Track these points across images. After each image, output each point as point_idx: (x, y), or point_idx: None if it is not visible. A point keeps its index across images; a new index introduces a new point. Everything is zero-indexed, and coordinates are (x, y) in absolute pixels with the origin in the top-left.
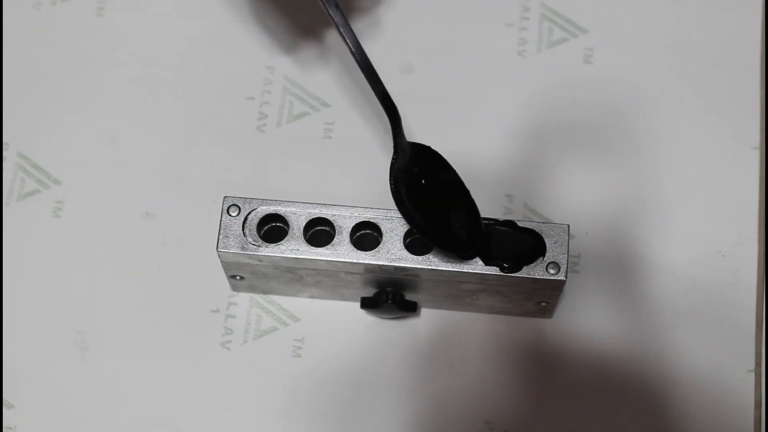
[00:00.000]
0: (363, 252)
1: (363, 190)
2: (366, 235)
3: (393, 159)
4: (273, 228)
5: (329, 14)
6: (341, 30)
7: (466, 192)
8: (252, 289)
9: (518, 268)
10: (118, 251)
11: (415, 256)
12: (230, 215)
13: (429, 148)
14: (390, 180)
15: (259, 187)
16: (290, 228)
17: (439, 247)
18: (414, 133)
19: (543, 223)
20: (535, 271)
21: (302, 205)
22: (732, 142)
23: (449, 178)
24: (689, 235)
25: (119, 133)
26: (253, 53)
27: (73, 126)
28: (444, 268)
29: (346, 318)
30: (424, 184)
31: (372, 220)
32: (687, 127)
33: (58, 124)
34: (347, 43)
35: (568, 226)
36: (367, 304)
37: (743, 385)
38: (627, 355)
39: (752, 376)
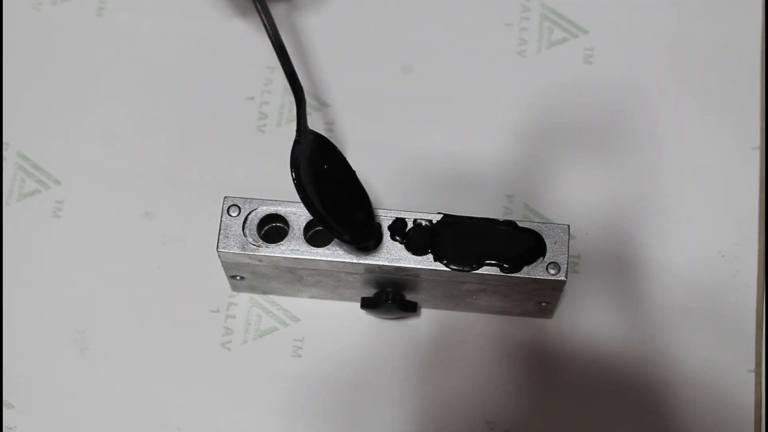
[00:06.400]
0: (363, 252)
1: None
2: None
3: (296, 141)
4: (273, 228)
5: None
6: (258, 7)
7: (360, 184)
8: (252, 289)
9: (518, 268)
10: (118, 251)
11: (415, 256)
12: (230, 215)
13: (327, 139)
14: (291, 166)
15: (259, 187)
16: (290, 228)
17: (339, 239)
18: (414, 133)
19: (543, 223)
20: (535, 271)
21: (302, 205)
22: (732, 142)
23: (344, 169)
24: (689, 235)
25: (119, 133)
26: (253, 53)
27: (73, 126)
28: (444, 268)
29: (346, 318)
30: (325, 174)
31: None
32: (687, 127)
33: (58, 124)
34: (263, 22)
35: (568, 226)
36: (367, 304)
37: (743, 385)
38: (627, 355)
39: (752, 376)
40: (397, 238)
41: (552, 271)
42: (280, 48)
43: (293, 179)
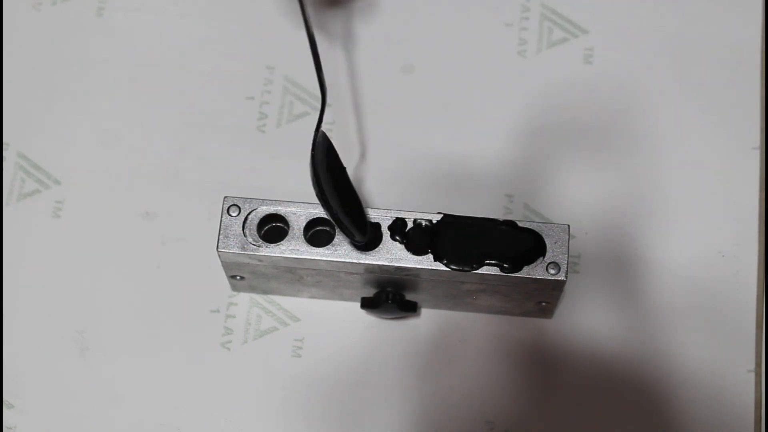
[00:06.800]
0: (363, 252)
1: (363, 190)
2: None
3: (317, 140)
4: (273, 228)
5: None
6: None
7: (350, 181)
8: (252, 289)
9: (518, 268)
10: (118, 251)
11: (415, 256)
12: (230, 215)
13: (328, 137)
14: (313, 164)
15: (259, 187)
16: (290, 228)
17: (351, 239)
18: (414, 133)
19: (543, 223)
20: (535, 271)
21: (302, 205)
22: (732, 142)
23: (341, 167)
24: (689, 235)
25: (119, 133)
26: (253, 53)
27: (73, 126)
28: (444, 268)
29: (346, 318)
30: (334, 173)
31: (372, 220)
32: (687, 127)
33: (58, 124)
34: (305, 20)
35: (568, 226)
36: (367, 304)
37: (743, 385)
38: (627, 355)
39: (752, 376)
40: (397, 238)
41: (552, 271)
42: (315, 48)
43: (315, 178)
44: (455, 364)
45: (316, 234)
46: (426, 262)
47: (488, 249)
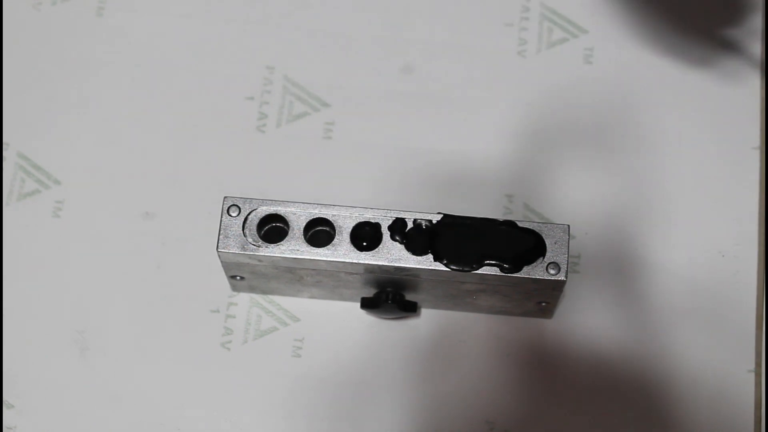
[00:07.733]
0: (363, 252)
1: (363, 190)
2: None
3: None
4: (273, 228)
5: None
6: None
7: None
8: (252, 289)
9: (518, 268)
10: (118, 251)
11: (415, 257)
12: (230, 215)
13: None
14: None
15: (259, 187)
16: (290, 228)
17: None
18: (414, 133)
19: (543, 223)
20: (535, 271)
21: (302, 205)
22: (732, 142)
23: None
24: (689, 235)
25: (119, 133)
26: (253, 53)
27: (73, 126)
28: (444, 268)
29: (346, 318)
30: None
31: (372, 220)
32: (687, 127)
33: (58, 124)
34: None
35: (568, 226)
36: (367, 304)
37: (743, 385)
38: (627, 355)
39: (752, 376)
40: (397, 238)
41: (552, 271)
42: None
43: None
44: (455, 364)
45: (316, 234)
46: (426, 262)
47: (488, 249)
